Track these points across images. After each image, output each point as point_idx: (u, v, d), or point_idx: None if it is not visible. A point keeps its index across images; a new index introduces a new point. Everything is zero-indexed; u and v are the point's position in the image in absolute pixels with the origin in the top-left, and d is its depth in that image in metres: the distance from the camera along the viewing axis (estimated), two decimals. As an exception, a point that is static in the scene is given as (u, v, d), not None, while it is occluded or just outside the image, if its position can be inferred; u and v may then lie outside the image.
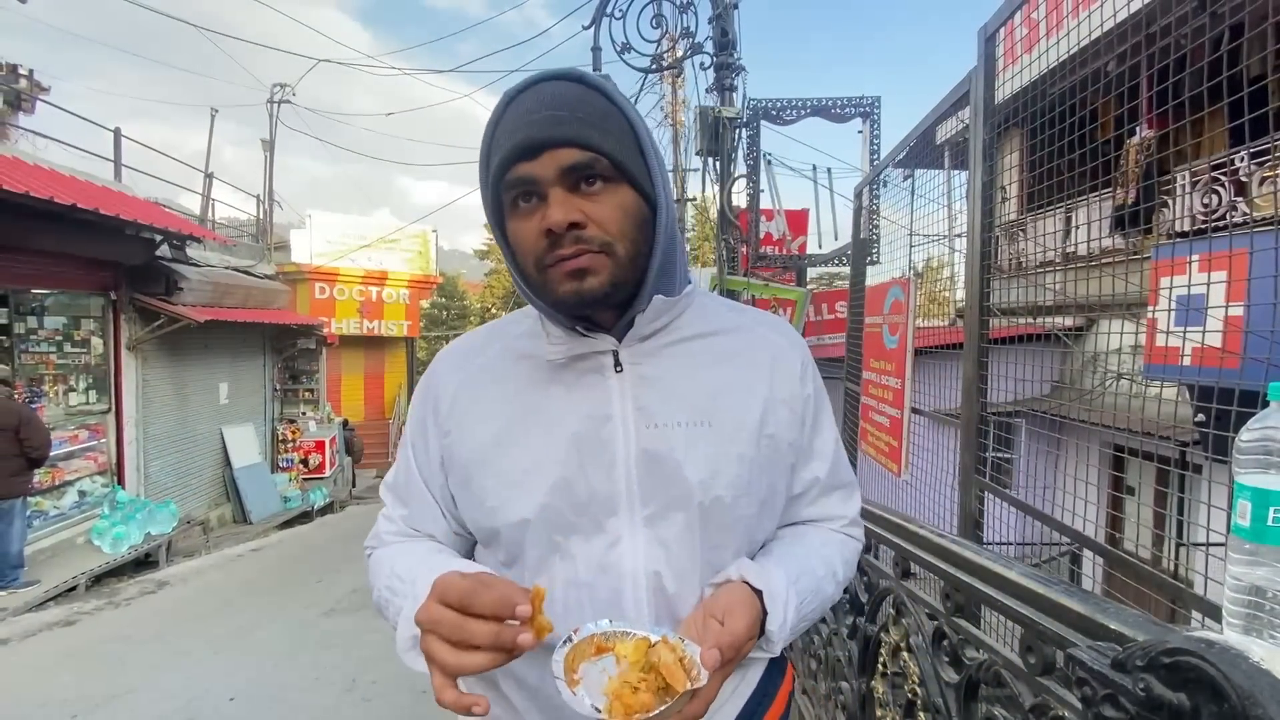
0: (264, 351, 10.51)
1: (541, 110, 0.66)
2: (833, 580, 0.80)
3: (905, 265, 3.20)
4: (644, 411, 0.73)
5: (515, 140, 0.65)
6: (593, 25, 5.05)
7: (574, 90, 0.68)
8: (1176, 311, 1.66)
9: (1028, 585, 0.92)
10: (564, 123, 0.65)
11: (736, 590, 0.69)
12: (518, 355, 0.79)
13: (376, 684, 3.40)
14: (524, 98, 0.68)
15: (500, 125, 0.68)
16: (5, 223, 5.21)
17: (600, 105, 0.68)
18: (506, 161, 0.66)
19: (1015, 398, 2.16)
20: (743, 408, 0.76)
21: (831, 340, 6.11)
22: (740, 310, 0.87)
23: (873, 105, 5.81)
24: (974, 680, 1.04)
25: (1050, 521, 1.94)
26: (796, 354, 0.82)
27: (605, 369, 0.75)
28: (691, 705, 0.61)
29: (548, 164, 0.65)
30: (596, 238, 0.67)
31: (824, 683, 2.03)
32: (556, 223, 0.65)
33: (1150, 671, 0.57)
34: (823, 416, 0.84)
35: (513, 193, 0.68)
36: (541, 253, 0.67)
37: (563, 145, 0.65)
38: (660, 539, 0.72)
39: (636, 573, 0.71)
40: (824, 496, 0.85)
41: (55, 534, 6.22)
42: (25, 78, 7.85)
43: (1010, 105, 2.18)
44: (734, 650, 0.64)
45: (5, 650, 4.05)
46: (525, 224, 0.68)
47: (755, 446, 0.75)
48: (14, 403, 5.32)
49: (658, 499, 0.72)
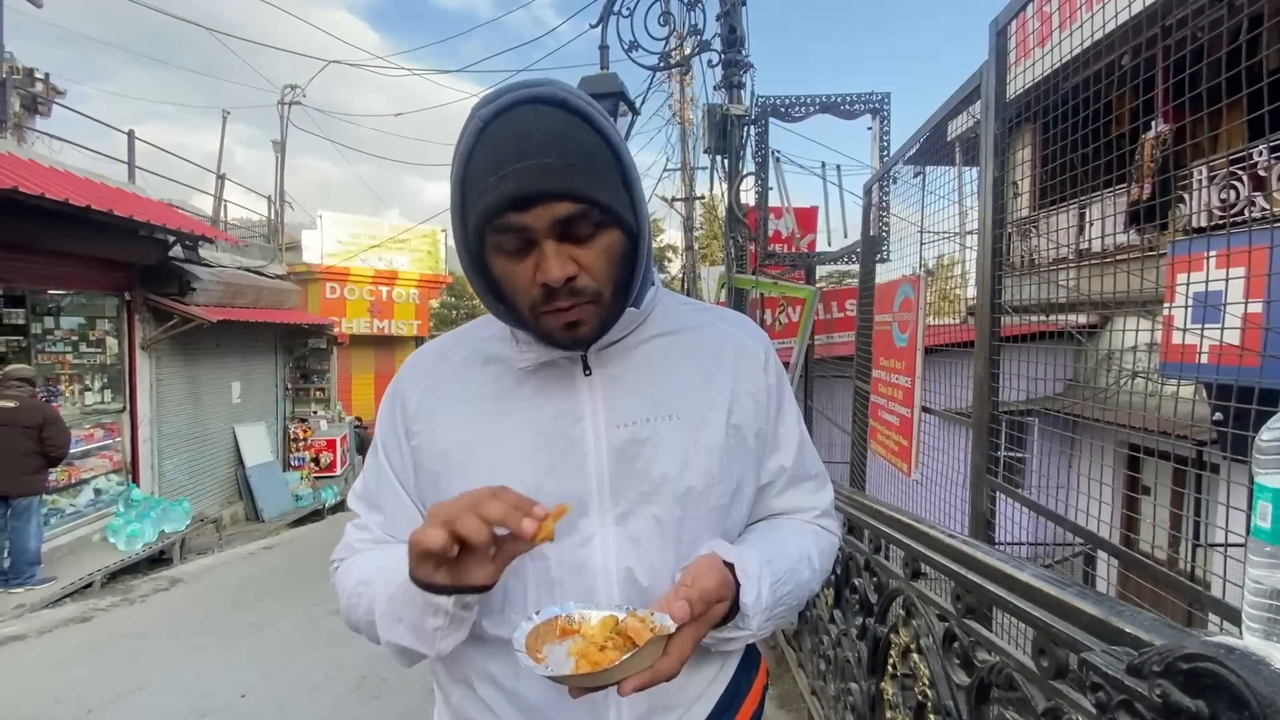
0: (275, 351, 10.60)
1: (531, 155, 0.63)
2: (808, 566, 0.80)
3: (915, 262, 3.17)
4: (613, 411, 0.75)
5: (505, 191, 0.63)
6: (600, 24, 5.04)
7: (559, 122, 0.65)
8: (1194, 308, 1.63)
9: (1041, 587, 0.90)
10: (555, 173, 0.63)
11: (704, 559, 0.69)
12: (485, 359, 0.80)
13: (386, 681, 3.41)
14: (504, 127, 0.65)
15: (476, 155, 0.66)
16: (23, 224, 5.29)
17: (587, 140, 0.66)
18: (493, 209, 0.64)
19: (1028, 397, 2.14)
20: (709, 400, 0.78)
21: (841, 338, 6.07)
22: (702, 308, 0.88)
23: (882, 102, 5.76)
24: (985, 683, 1.03)
25: (1063, 522, 1.91)
26: (759, 345, 0.84)
27: (574, 373, 0.76)
28: (663, 662, 0.60)
29: (541, 216, 0.64)
30: (589, 288, 0.68)
31: (833, 684, 2.01)
32: (554, 280, 0.65)
33: (1167, 677, 0.56)
34: (785, 405, 0.85)
35: (498, 236, 0.67)
36: (536, 302, 0.68)
37: (556, 199, 0.64)
38: (631, 536, 0.73)
39: (609, 569, 0.72)
40: (792, 488, 0.86)
41: (72, 531, 6.30)
42: (41, 81, 7.95)
43: (1022, 100, 2.15)
44: (704, 604, 0.64)
45: (23, 646, 4.11)
46: (516, 268, 0.68)
47: (723, 436, 0.77)
48: (39, 402, 5.41)
49: (629, 496, 0.73)
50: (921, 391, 2.77)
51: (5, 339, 6.28)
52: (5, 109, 6.86)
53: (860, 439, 3.73)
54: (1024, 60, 2.16)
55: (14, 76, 7.37)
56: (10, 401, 4.89)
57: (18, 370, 5.10)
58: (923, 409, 2.81)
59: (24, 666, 3.83)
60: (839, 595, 1.95)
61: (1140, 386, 2.03)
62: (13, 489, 4.90)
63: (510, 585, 0.73)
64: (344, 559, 0.82)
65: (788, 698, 2.59)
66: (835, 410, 6.10)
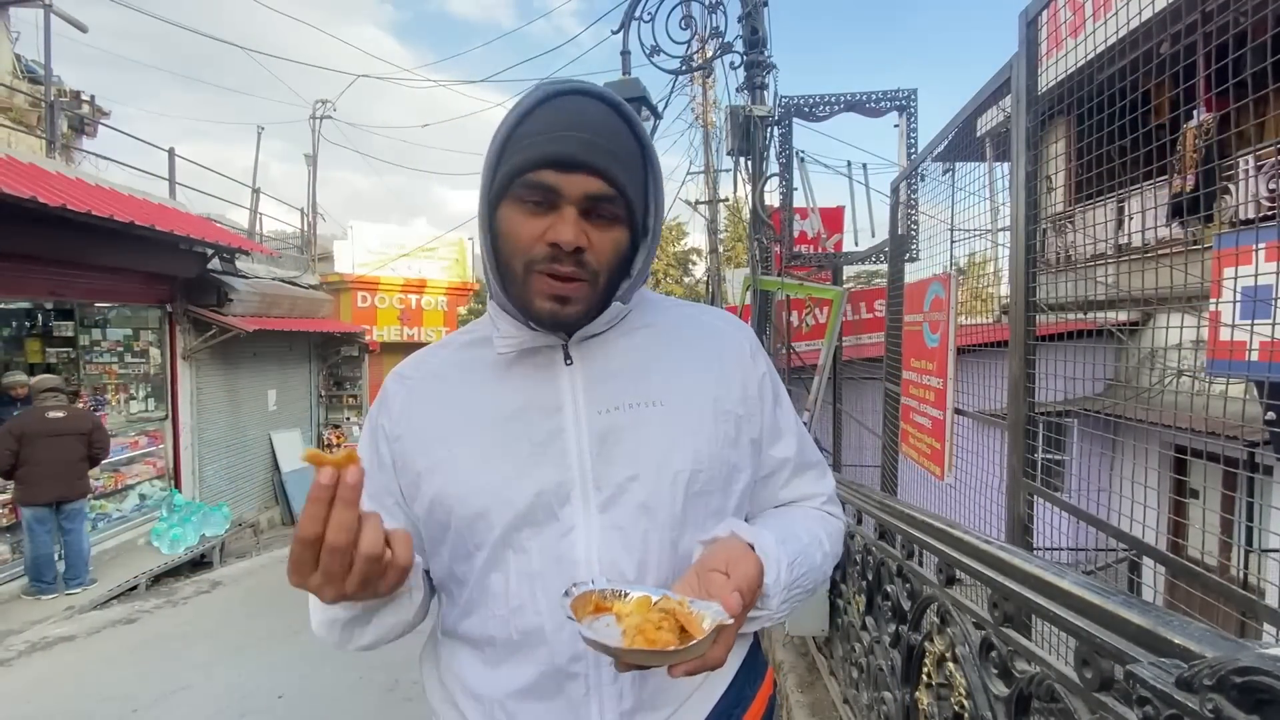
0: (309, 359, 10.87)
1: (583, 130, 0.68)
2: (819, 549, 0.79)
3: (946, 261, 3.10)
4: (595, 399, 0.74)
5: (551, 149, 0.67)
6: (621, 30, 5.06)
7: (613, 120, 0.70)
8: (1243, 303, 1.57)
9: (1083, 595, 0.87)
10: (600, 152, 0.68)
11: (730, 542, 0.68)
12: (466, 357, 0.81)
13: (418, 684, 3.45)
14: (564, 103, 0.69)
15: (531, 118, 0.69)
16: (71, 240, 5.52)
17: (630, 146, 0.71)
18: (534, 162, 0.67)
19: (1065, 397, 2.07)
20: (693, 386, 0.77)
21: (870, 340, 5.98)
22: (682, 304, 0.89)
23: (909, 98, 5.67)
24: (1025, 694, 0.99)
25: (1106, 527, 1.85)
26: (743, 335, 0.85)
27: (555, 362, 0.76)
28: (714, 650, 0.59)
29: (575, 184, 0.67)
30: (591, 265, 0.70)
31: (866, 692, 1.97)
32: (566, 241, 0.67)
33: (1220, 691, 0.53)
34: (781, 393, 0.85)
35: (527, 190, 0.68)
36: (538, 257, 0.69)
37: (595, 174, 0.68)
38: (615, 524, 0.72)
39: (591, 561, 0.71)
40: (797, 477, 0.86)
41: (118, 536, 6.54)
42: (87, 103, 8.31)
43: (1055, 92, 2.09)
44: (751, 594, 0.63)
45: (72, 646, 4.27)
46: (527, 222, 0.69)
47: (711, 422, 0.76)
48: (84, 409, 5.65)
49: (611, 483, 0.72)
50: (954, 393, 2.71)
51: (56, 350, 6.56)
52: (54, 130, 7.18)
53: (891, 442, 3.66)
54: (1055, 51, 2.10)
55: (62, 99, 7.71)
56: (60, 411, 5.11)
57: (48, 380, 5.30)
58: (956, 411, 2.75)
59: (74, 666, 3.98)
60: (871, 602, 1.91)
61: (1186, 385, 1.95)
62: (69, 493, 5.12)
63: (491, 579, 0.73)
64: None
65: (819, 706, 2.54)
66: (865, 413, 6.01)
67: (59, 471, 5.01)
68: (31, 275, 5.61)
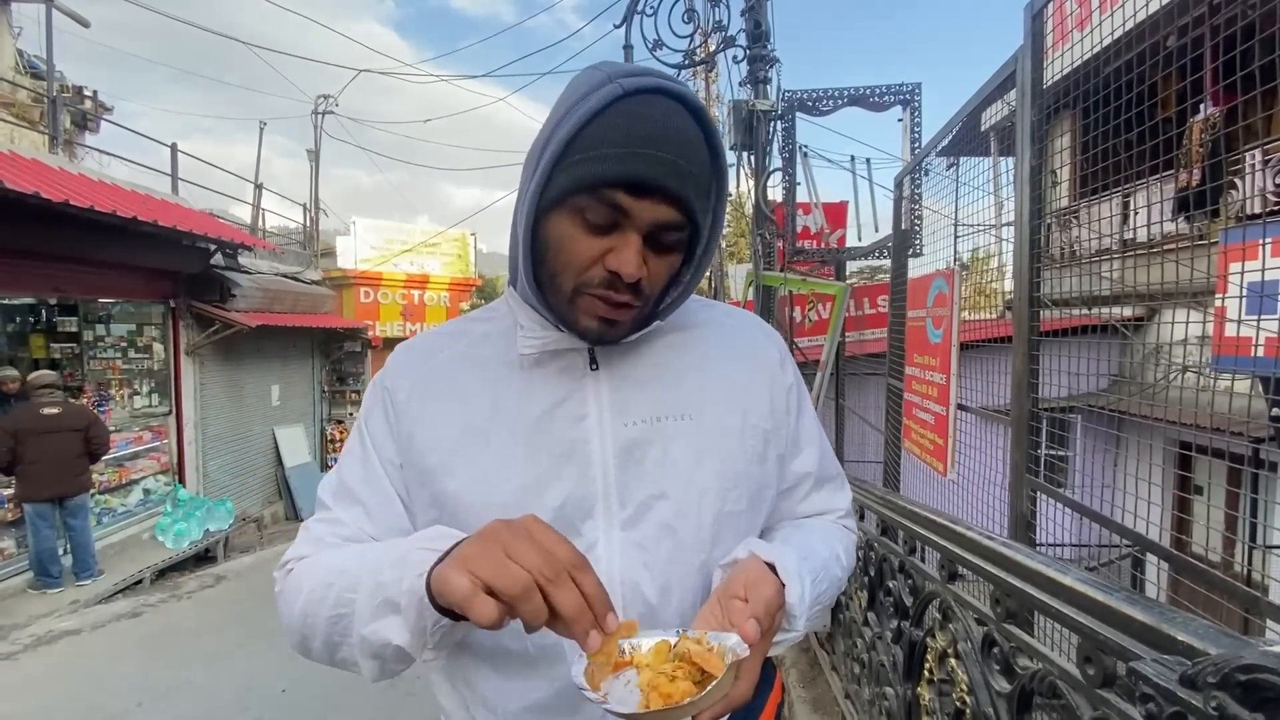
0: (312, 354, 10.88)
1: (665, 147, 0.61)
2: (838, 563, 0.77)
3: (949, 256, 3.09)
4: (621, 409, 0.70)
5: (629, 170, 0.60)
6: (624, 24, 5.04)
7: (693, 131, 0.63)
8: (1248, 299, 1.55)
9: (1086, 591, 0.87)
10: (682, 176, 0.62)
11: (750, 565, 0.64)
12: (485, 351, 0.75)
13: (420, 679, 3.47)
14: (644, 108, 0.61)
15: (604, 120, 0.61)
16: (75, 236, 5.53)
17: (705, 159, 0.65)
18: (607, 180, 0.61)
19: (1069, 393, 2.06)
20: (725, 400, 0.74)
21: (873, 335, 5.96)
22: (710, 305, 0.85)
23: (913, 92, 5.64)
24: (1027, 690, 0.99)
25: (1109, 524, 1.84)
26: (773, 344, 0.82)
27: (580, 367, 0.72)
28: (738, 686, 0.56)
29: (646, 211, 0.62)
30: (645, 292, 0.66)
31: (868, 688, 1.97)
32: (629, 275, 0.63)
33: (1224, 689, 0.53)
34: (805, 403, 0.82)
35: (592, 206, 0.62)
36: (593, 281, 0.64)
37: (669, 201, 0.62)
38: (638, 542, 0.68)
39: (612, 581, 0.66)
40: (816, 491, 0.83)
41: (123, 530, 6.57)
42: (90, 99, 8.31)
43: (1060, 85, 2.08)
44: (770, 619, 0.59)
45: (77, 640, 4.29)
46: (585, 240, 0.64)
47: (740, 438, 0.73)
48: (82, 405, 5.66)
49: (637, 499, 0.68)
50: (957, 388, 2.70)
51: (60, 346, 6.58)
52: (56, 125, 7.18)
53: (894, 438, 3.65)
54: (1061, 44, 2.08)
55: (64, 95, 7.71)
56: (54, 408, 5.11)
57: (44, 377, 5.30)
58: (959, 406, 2.74)
59: (79, 659, 4.01)
60: (873, 597, 1.91)
61: (1191, 381, 1.94)
62: (69, 489, 5.15)
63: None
64: (305, 556, 0.71)
65: (821, 701, 2.55)
66: (867, 408, 6.00)
67: (57, 468, 5.03)
68: (35, 271, 5.62)
